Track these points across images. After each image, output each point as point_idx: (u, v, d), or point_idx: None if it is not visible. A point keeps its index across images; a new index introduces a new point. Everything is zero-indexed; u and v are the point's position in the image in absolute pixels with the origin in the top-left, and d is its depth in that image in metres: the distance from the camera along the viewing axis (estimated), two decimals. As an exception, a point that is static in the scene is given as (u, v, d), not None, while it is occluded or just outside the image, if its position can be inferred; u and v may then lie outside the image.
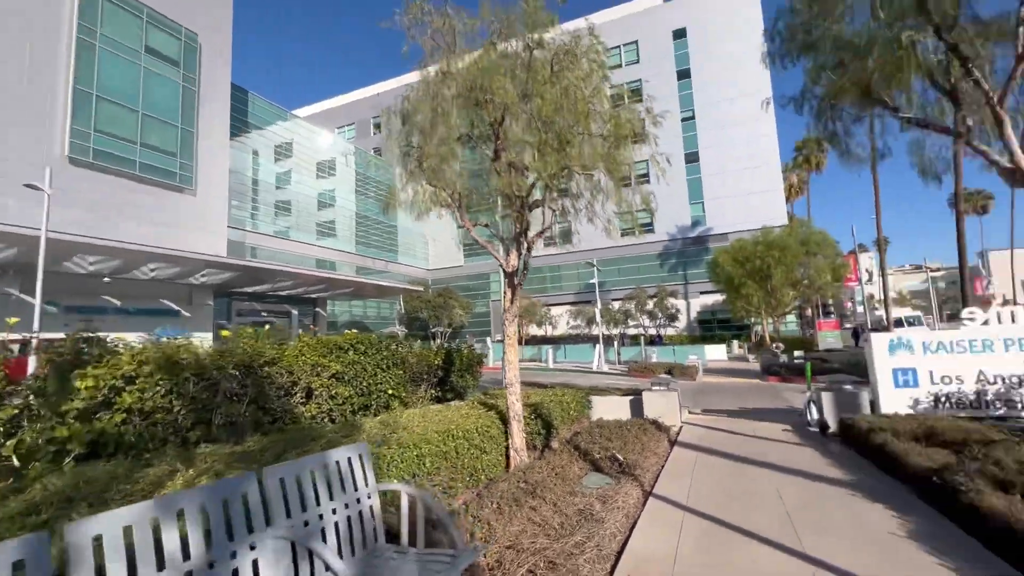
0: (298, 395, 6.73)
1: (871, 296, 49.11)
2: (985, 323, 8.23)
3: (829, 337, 32.29)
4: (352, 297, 39.86)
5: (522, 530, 3.78)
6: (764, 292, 28.45)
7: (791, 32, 6.31)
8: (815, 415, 8.85)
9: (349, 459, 2.87)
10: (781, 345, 23.69)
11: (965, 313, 8.44)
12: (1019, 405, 7.81)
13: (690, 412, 11.58)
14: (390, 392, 8.20)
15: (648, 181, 38.19)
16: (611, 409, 10.20)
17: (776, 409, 11.77)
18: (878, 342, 8.72)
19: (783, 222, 37.82)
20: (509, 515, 4.03)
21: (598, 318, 25.90)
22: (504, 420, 6.78)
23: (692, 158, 45.07)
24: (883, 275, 34.16)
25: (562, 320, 44.53)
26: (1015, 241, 54.40)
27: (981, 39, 5.49)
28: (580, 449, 6.84)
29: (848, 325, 45.38)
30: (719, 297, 38.22)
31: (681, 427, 9.53)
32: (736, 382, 18.14)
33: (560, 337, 42.99)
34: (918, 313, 41.26)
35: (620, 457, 6.20)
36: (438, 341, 37.79)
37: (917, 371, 8.41)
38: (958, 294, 47.31)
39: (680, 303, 41.96)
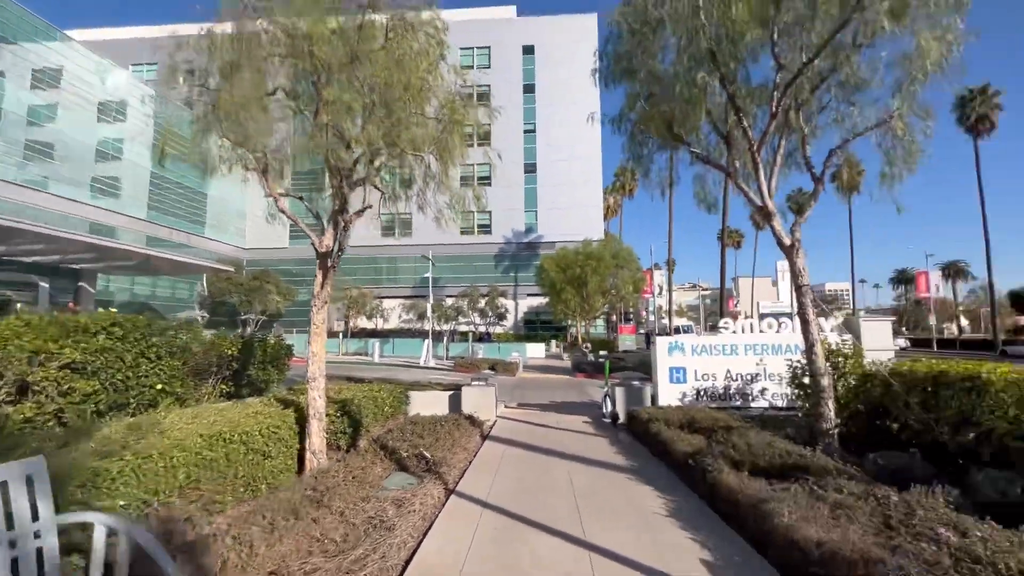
0: (2, 391, 4.96)
1: (660, 307, 58.32)
2: (734, 332, 10.13)
3: (627, 340, 37.31)
4: (137, 272, 32.75)
5: (294, 549, 3.21)
6: (580, 298, 31.48)
7: (617, 56, 6.80)
8: (609, 408, 9.85)
9: (5, 483, 1.98)
10: (589, 345, 26.43)
11: (721, 323, 10.28)
12: (750, 397, 9.79)
13: (506, 406, 11.97)
14: (159, 387, 6.66)
15: (489, 184, 39.25)
16: (430, 404, 9.94)
17: (580, 403, 12.90)
18: (661, 344, 10.11)
19: (600, 237, 42.44)
20: (282, 531, 3.41)
21: (429, 313, 25.61)
22: (303, 419, 5.98)
23: (530, 168, 47.78)
24: (670, 290, 40.86)
25: (395, 314, 43.17)
26: (755, 271, 71.21)
27: (751, 97, 6.60)
28: (388, 448, 6.40)
29: (642, 331, 53.12)
30: (543, 300, 41.20)
31: (496, 421, 9.73)
32: (551, 378, 19.60)
33: (391, 331, 41.57)
34: (691, 323, 50.29)
35: (427, 455, 5.94)
36: (249, 329, 33.23)
37: (686, 369, 9.96)
38: (718, 309, 58.99)
39: (510, 303, 44.08)
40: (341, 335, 33.07)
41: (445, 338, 27.84)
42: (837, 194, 55.62)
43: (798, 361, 8.63)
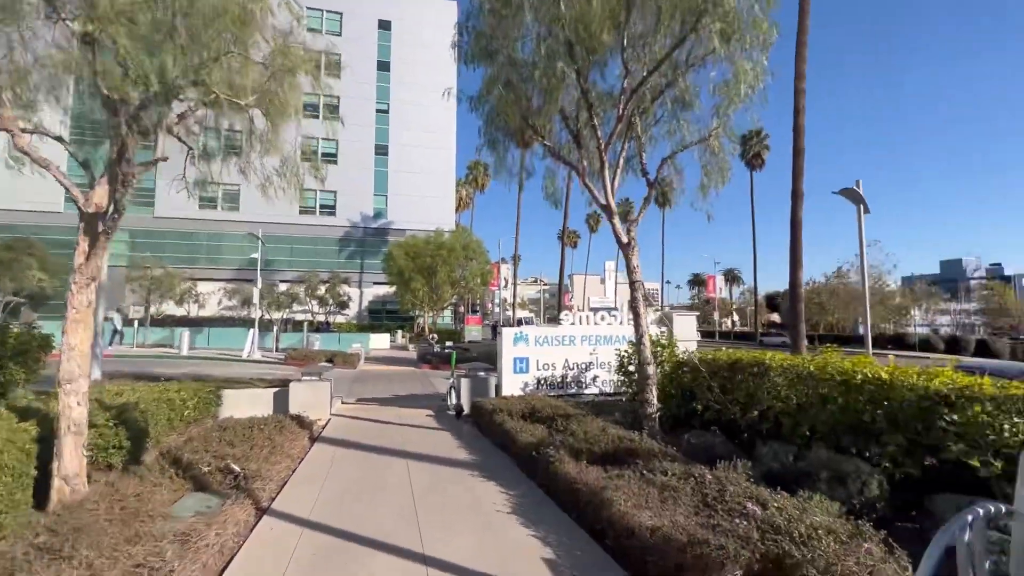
0: None
1: (504, 300, 60.77)
2: (572, 324, 10.71)
3: (473, 331, 37.95)
4: None
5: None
6: (429, 288, 30.91)
7: (478, 35, 6.45)
8: (454, 400, 9.59)
9: None
10: (435, 336, 26.09)
11: (562, 315, 10.78)
12: (584, 384, 10.47)
13: (343, 402, 10.94)
14: None
15: (335, 162, 36.11)
16: (248, 405, 8.51)
17: (424, 395, 12.44)
18: (507, 335, 10.19)
19: (452, 227, 42.29)
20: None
21: (256, 299, 22.50)
22: (49, 434, 4.44)
23: (382, 151, 45.38)
24: (515, 284, 42.68)
25: (213, 299, 37.22)
26: (588, 269, 79.01)
27: (600, 102, 6.83)
28: (183, 463, 5.15)
29: (488, 323, 54.67)
30: (391, 289, 39.55)
31: (329, 420, 8.74)
32: (395, 370, 18.74)
33: (208, 319, 35.72)
34: (532, 315, 53.36)
35: (236, 468, 4.90)
36: (-6, 314, 25.31)
37: (529, 359, 10.21)
38: (555, 303, 63.64)
39: (354, 291, 41.42)
40: (137, 323, 27.24)
41: (276, 328, 24.78)
42: (656, 203, 64.36)
43: (625, 351, 9.44)
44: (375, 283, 43.32)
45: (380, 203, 45.32)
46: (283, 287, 36.55)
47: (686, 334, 10.72)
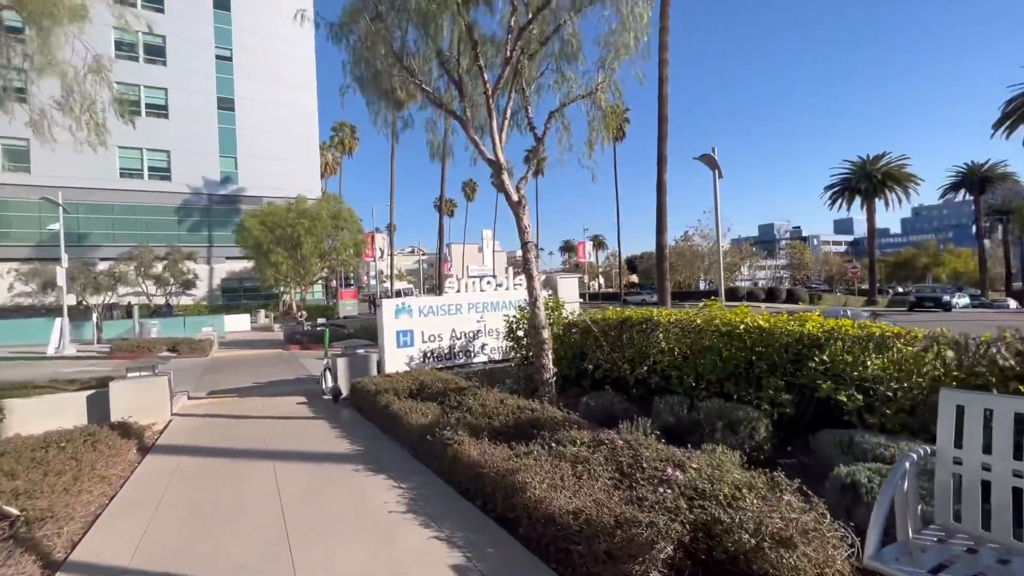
0: None
1: (381, 271, 57.88)
2: (458, 292, 10.13)
3: (348, 305, 35.40)
4: None
5: None
6: (294, 261, 27.82)
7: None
8: (329, 382, 8.50)
9: None
10: (304, 313, 23.69)
11: (448, 283, 10.13)
12: (473, 354, 10.05)
13: (190, 398, 9.14)
14: None
15: (166, 115, 30.37)
16: (51, 416, 6.55)
17: (294, 379, 11.00)
18: (387, 307, 9.26)
19: (318, 195, 38.45)
20: None
21: (61, 281, 17.96)
22: None
23: (227, 105, 39.12)
24: (392, 254, 40.60)
25: (2, 284, 29.37)
26: (466, 238, 78.66)
27: (484, 45, 6.10)
28: (-80, 513, 3.56)
29: (363, 296, 51.67)
30: (248, 264, 34.97)
31: (170, 422, 7.13)
32: (257, 354, 16.48)
33: (-5, 308, 28.15)
34: (411, 286, 51.69)
35: (13, 509, 3.51)
36: None
37: (414, 332, 9.45)
38: (434, 273, 62.49)
39: (202, 268, 35.89)
40: None
41: (95, 315, 20.12)
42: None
43: (514, 316, 9.16)
44: (228, 258, 37.96)
45: (228, 166, 39.37)
46: (103, 266, 30.12)
47: (570, 296, 10.83)
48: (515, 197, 6.10)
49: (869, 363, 3.97)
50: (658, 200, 14.19)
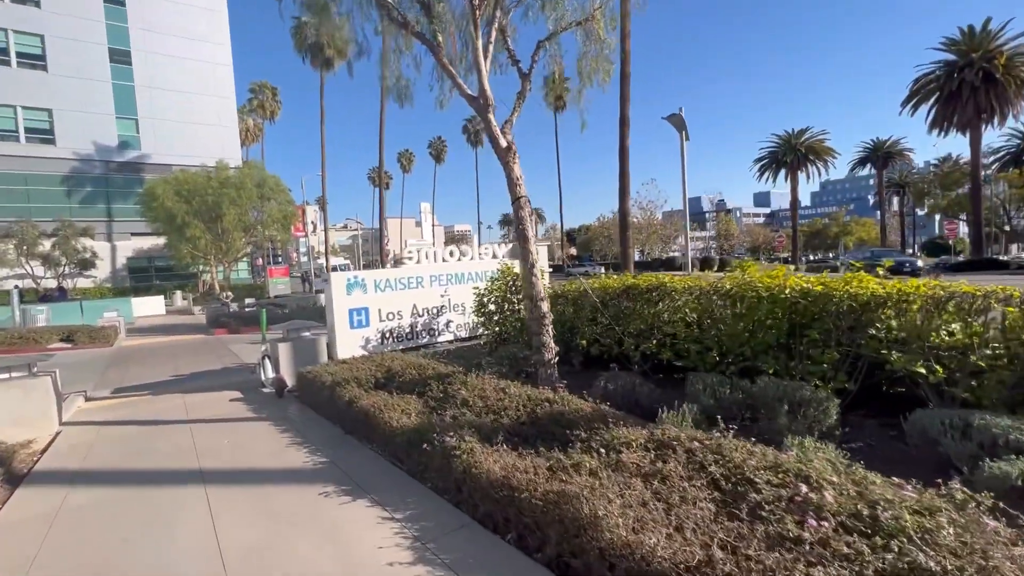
0: None
1: (313, 247, 53.97)
2: (418, 263, 8.85)
3: (279, 283, 32.38)
4: None
5: None
6: (213, 235, 24.69)
7: None
8: (270, 372, 7.05)
9: None
10: (230, 294, 21.14)
11: (406, 253, 8.81)
12: (436, 332, 8.89)
13: (87, 400, 7.32)
14: None
15: (44, 67, 25.35)
16: None
17: (224, 370, 9.29)
18: (338, 282, 7.83)
19: (238, 164, 34.48)
20: None
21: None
22: None
23: (122, 58, 33.65)
24: (326, 228, 37.59)
25: None
26: (403, 212, 75.65)
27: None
28: None
29: (297, 273, 47.96)
30: (159, 241, 30.88)
31: (56, 437, 5.45)
32: (176, 340, 14.21)
33: None
34: (347, 261, 48.63)
35: None
36: None
37: (369, 310, 8.11)
38: (371, 248, 59.34)
39: (102, 246, 31.29)
40: None
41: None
42: (469, 143, 63.33)
43: (487, 288, 8.09)
44: (134, 234, 33.34)
45: (127, 129, 34.19)
46: (-27, 244, 25.21)
47: (542, 265, 9.87)
48: (503, 142, 4.96)
49: (956, 328, 3.35)
50: (620, 165, 13.47)
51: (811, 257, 57.01)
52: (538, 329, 4.87)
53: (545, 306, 4.92)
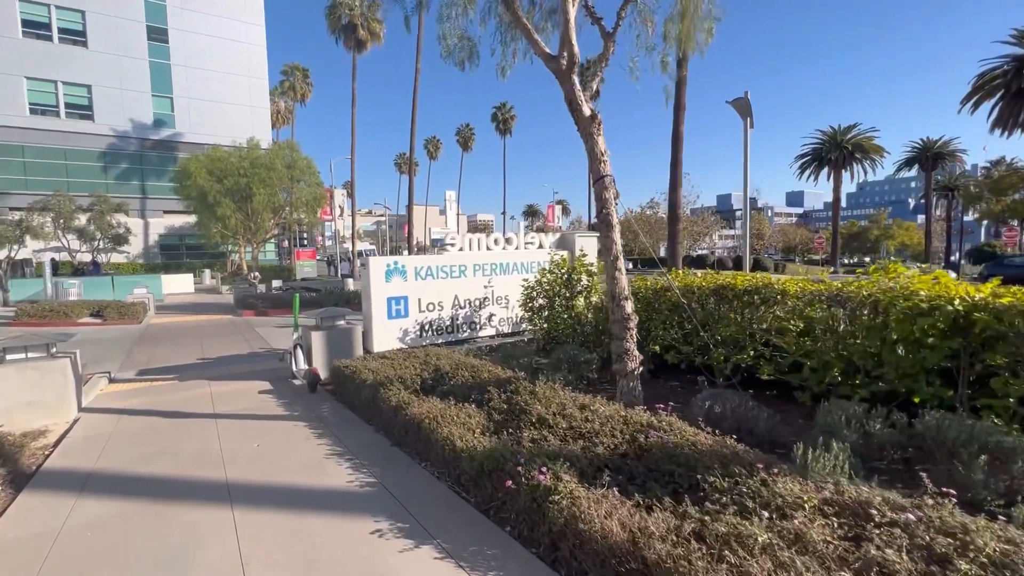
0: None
1: (338, 231, 53.93)
2: (461, 249, 8.12)
3: (306, 266, 32.19)
4: None
5: None
6: (244, 215, 24.48)
7: None
8: (302, 364, 6.45)
9: None
10: (258, 275, 20.87)
11: (448, 239, 8.09)
12: (478, 326, 8.18)
13: (111, 381, 6.85)
14: None
15: (84, 42, 25.12)
16: None
17: (250, 355, 8.78)
18: (376, 267, 7.17)
19: (269, 145, 34.32)
20: None
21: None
22: None
23: (159, 36, 33.64)
24: (353, 213, 37.30)
25: None
26: (428, 199, 75.31)
27: None
28: None
29: (322, 257, 47.97)
30: (190, 219, 30.99)
31: (74, 425, 4.93)
32: (203, 320, 13.89)
33: None
34: (373, 247, 48.44)
35: None
36: None
37: (408, 299, 7.43)
38: (395, 235, 59.13)
39: (135, 222, 31.56)
40: None
41: (-2, 272, 16.42)
42: (497, 131, 62.32)
43: (534, 280, 7.33)
44: (167, 212, 33.56)
45: (163, 107, 34.27)
46: (15, 216, 25.52)
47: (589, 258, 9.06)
48: (587, 110, 4.17)
49: None
50: (673, 153, 12.46)
51: (845, 260, 54.60)
52: (620, 333, 4.09)
53: (629, 306, 4.13)
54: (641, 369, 4.17)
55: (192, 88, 34.35)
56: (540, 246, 8.84)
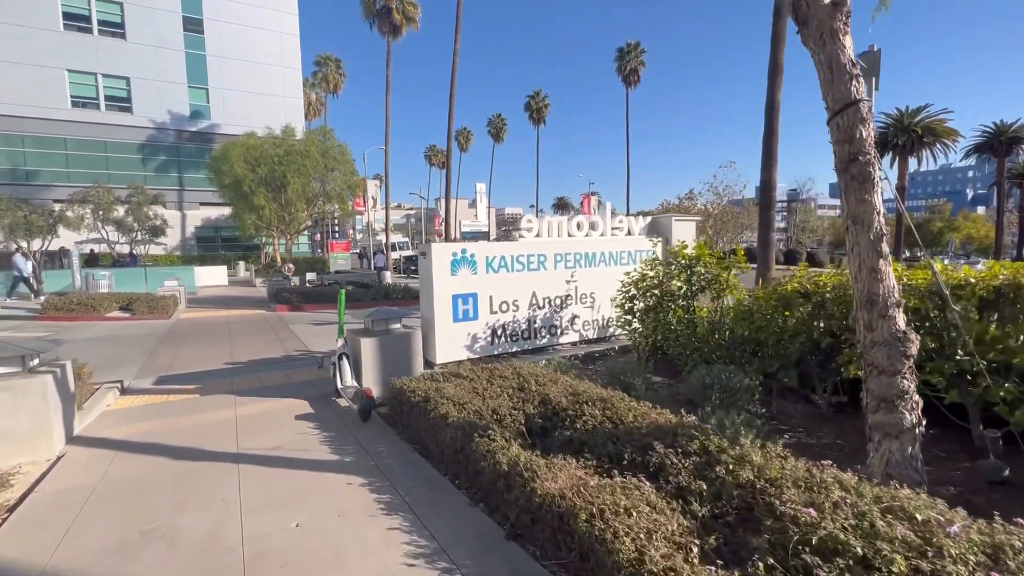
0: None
1: (369, 224, 53.11)
2: (538, 236, 6.53)
3: (340, 259, 31.32)
4: None
5: None
6: (278, 205, 23.52)
7: None
8: (349, 380, 4.97)
9: None
10: (292, 267, 19.81)
11: (524, 223, 6.50)
12: (558, 330, 6.59)
13: (123, 392, 5.57)
14: None
15: (123, 34, 23.75)
16: None
17: (286, 360, 7.41)
18: (440, 256, 5.63)
19: (303, 134, 33.43)
20: None
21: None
22: None
23: (195, 27, 33.11)
24: (387, 203, 36.25)
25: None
26: (458, 192, 74.45)
27: None
28: None
29: (354, 250, 47.32)
30: (225, 211, 30.46)
31: (53, 466, 3.58)
32: (236, 315, 12.77)
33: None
34: (406, 239, 47.47)
35: None
36: None
37: (478, 297, 5.88)
38: (423, 228, 58.05)
39: (172, 214, 31.26)
40: None
41: (30, 264, 15.78)
42: (531, 120, 60.49)
43: (636, 274, 5.69)
44: (203, 204, 33.17)
45: (198, 98, 33.82)
46: (56, 207, 25.30)
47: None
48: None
49: None
50: (767, 124, 10.50)
51: (905, 254, 50.54)
52: (890, 363, 2.40)
53: (901, 319, 2.44)
54: (921, 425, 2.47)
55: (227, 79, 33.78)
56: (628, 232, 7.16)
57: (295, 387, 5.69)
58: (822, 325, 3.83)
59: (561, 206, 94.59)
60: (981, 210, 69.93)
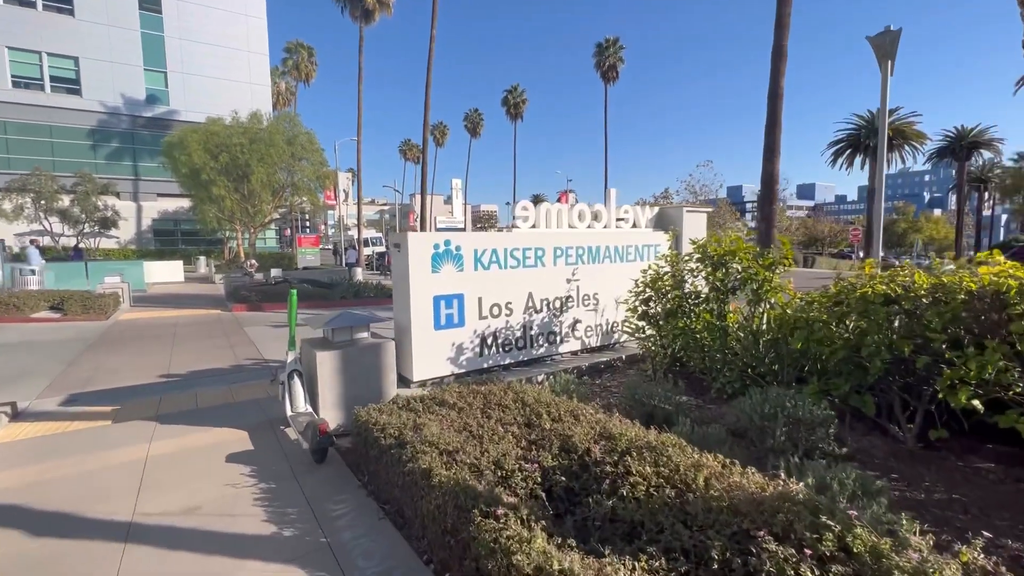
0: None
1: (341, 218, 51.06)
2: (534, 226, 5.51)
3: (308, 254, 29.55)
4: None
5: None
6: (240, 196, 21.79)
7: None
8: (301, 407, 3.84)
9: None
10: (255, 262, 18.25)
11: (519, 211, 5.47)
12: (556, 339, 5.60)
13: (12, 418, 4.28)
14: None
15: (72, 10, 21.23)
16: None
17: (234, 371, 6.17)
18: (418, 248, 4.54)
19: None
20: None
21: None
22: None
23: (151, 5, 30.66)
24: (359, 197, 34.57)
25: None
26: (434, 188, 73.27)
27: None
28: None
29: (327, 245, 45.32)
30: (186, 203, 28.32)
31: None
32: (186, 315, 11.31)
33: None
34: (380, 235, 45.72)
35: None
36: None
37: (464, 298, 4.83)
38: (398, 224, 56.30)
39: (127, 205, 28.97)
40: None
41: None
42: (509, 116, 59.46)
43: (652, 271, 4.76)
44: (160, 195, 30.85)
45: (156, 82, 31.37)
46: (-10, 196, 22.84)
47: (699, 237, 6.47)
48: None
49: None
50: (770, 113, 9.80)
51: (861, 255, 51.85)
52: None
53: None
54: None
55: (187, 63, 31.44)
56: (635, 224, 6.23)
57: (237, 409, 4.53)
58: (919, 339, 2.95)
59: (536, 203, 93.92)
60: (938, 212, 72.64)
